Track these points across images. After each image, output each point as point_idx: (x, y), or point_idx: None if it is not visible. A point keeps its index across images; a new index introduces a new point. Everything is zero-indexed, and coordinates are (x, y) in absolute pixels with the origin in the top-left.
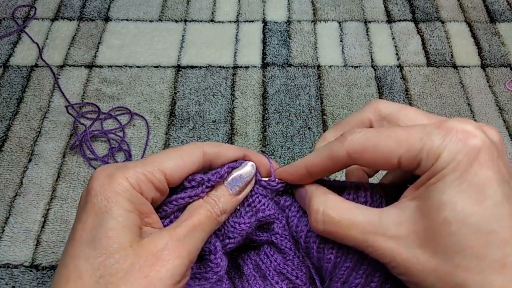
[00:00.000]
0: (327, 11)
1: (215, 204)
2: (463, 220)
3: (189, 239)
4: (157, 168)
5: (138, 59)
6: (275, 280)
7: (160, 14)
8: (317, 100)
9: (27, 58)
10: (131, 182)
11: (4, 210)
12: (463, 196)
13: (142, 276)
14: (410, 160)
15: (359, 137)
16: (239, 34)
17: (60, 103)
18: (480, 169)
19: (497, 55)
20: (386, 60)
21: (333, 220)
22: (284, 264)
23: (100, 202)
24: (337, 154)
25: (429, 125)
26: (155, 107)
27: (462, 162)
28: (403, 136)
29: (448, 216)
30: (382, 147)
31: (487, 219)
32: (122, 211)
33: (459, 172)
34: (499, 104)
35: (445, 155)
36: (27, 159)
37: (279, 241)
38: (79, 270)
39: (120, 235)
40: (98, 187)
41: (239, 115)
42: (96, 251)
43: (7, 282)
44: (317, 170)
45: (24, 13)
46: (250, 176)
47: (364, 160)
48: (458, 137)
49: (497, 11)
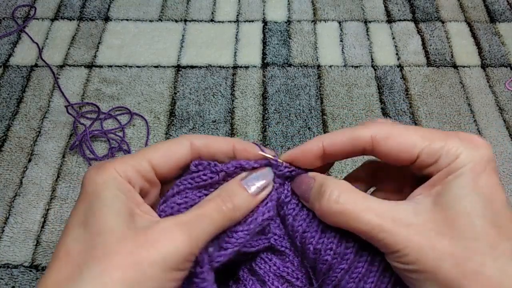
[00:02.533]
0: (327, 11)
1: (227, 198)
2: (481, 213)
3: (191, 226)
4: (145, 159)
5: (138, 59)
6: (275, 285)
7: (160, 14)
8: (317, 100)
9: (27, 58)
10: (118, 171)
11: (4, 210)
12: (480, 194)
13: (130, 255)
14: (430, 155)
15: (385, 125)
16: (239, 34)
17: (60, 103)
18: (492, 175)
19: (497, 55)
20: (386, 60)
21: (349, 201)
22: (283, 267)
23: (89, 188)
24: (360, 136)
25: (446, 131)
26: (155, 107)
27: (479, 165)
28: (426, 133)
29: (468, 207)
30: (406, 137)
31: (498, 216)
32: (110, 195)
33: (476, 173)
34: (499, 104)
35: (464, 157)
36: (27, 159)
37: (278, 242)
38: (67, 247)
39: (108, 217)
40: (88, 178)
41: (239, 115)
42: (85, 231)
43: (7, 282)
44: (334, 149)
45: (24, 13)
46: (268, 178)
47: (387, 147)
48: (475, 144)
49: (497, 11)
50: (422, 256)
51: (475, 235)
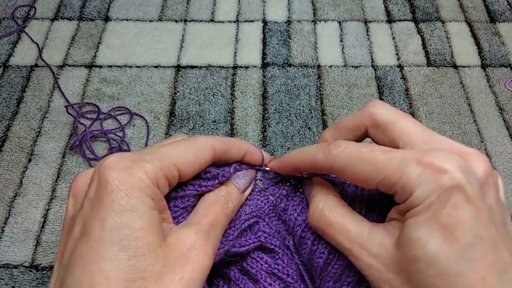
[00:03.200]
0: (327, 11)
1: (229, 200)
2: (431, 260)
3: (212, 236)
4: (173, 164)
5: (138, 59)
6: (267, 282)
7: (160, 14)
8: (317, 100)
9: (27, 58)
10: (150, 177)
11: (3, 210)
12: (434, 236)
13: (176, 278)
14: (387, 189)
15: (342, 155)
16: (239, 34)
17: (60, 103)
18: (453, 210)
19: (497, 55)
20: (386, 60)
21: (327, 220)
22: (274, 264)
23: (121, 198)
24: (320, 164)
25: (410, 155)
26: (155, 107)
27: (435, 202)
28: (382, 164)
29: (417, 254)
30: (361, 170)
31: (454, 262)
32: (147, 209)
33: (431, 213)
34: (499, 104)
35: (419, 193)
36: (27, 159)
37: (267, 240)
38: (106, 274)
39: (149, 235)
40: (116, 181)
41: (239, 115)
42: (124, 253)
43: (7, 282)
44: (301, 169)
45: (24, 13)
46: (253, 175)
47: (344, 177)
48: (433, 176)
49: (497, 11)
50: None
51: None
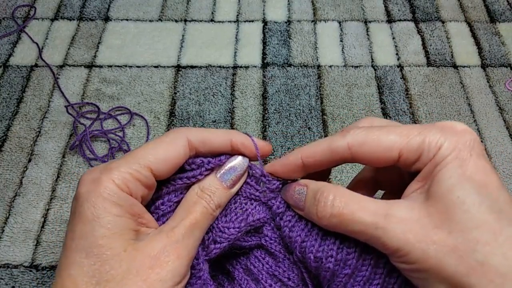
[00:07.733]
0: (327, 11)
1: (210, 199)
2: (475, 199)
3: (187, 238)
4: (142, 165)
5: (138, 59)
6: (268, 283)
7: (160, 14)
8: (317, 100)
9: (27, 58)
10: (117, 184)
11: (4, 210)
12: (471, 180)
13: (141, 279)
14: (411, 151)
15: (361, 131)
16: (239, 34)
17: (60, 103)
18: (479, 159)
19: (497, 55)
20: (386, 60)
21: (343, 203)
22: (276, 266)
23: (87, 209)
24: (338, 145)
25: (425, 124)
26: (155, 107)
27: (463, 151)
28: (404, 130)
29: (461, 195)
30: (384, 140)
31: (495, 201)
32: (110, 217)
33: (462, 160)
34: (499, 104)
35: (446, 146)
36: (27, 159)
37: (268, 244)
38: (74, 278)
39: (111, 242)
40: (85, 193)
41: (239, 115)
42: (89, 260)
43: (7, 282)
44: (313, 161)
45: (24, 13)
46: (243, 169)
47: (365, 153)
48: (456, 131)
49: (497, 11)
50: (423, 254)
51: (474, 224)
